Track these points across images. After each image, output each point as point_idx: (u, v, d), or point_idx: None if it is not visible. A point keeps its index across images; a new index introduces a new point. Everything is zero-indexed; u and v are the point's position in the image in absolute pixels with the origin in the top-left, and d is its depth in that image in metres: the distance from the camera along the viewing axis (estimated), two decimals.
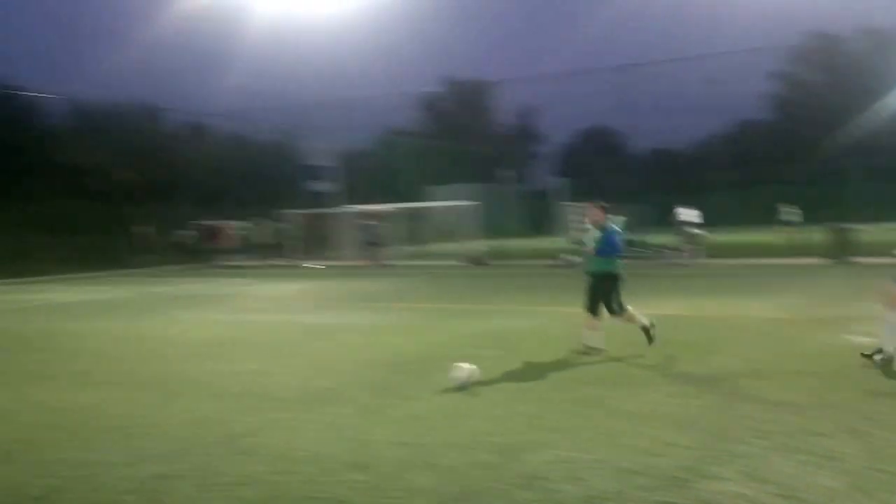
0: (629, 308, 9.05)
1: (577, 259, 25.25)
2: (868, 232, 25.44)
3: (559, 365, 8.42)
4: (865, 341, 8.76)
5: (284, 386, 7.74)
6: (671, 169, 60.50)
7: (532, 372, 8.07)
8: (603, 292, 8.91)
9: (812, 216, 28.29)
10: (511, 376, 7.92)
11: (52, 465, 5.27)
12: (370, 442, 5.67)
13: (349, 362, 8.99)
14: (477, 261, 27.43)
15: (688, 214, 29.33)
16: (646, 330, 9.05)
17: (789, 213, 30.52)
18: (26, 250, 27.08)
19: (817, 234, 24.28)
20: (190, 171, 37.48)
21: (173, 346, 10.75)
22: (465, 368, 7.37)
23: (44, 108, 39.28)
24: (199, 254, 31.53)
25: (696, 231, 24.91)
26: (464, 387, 7.17)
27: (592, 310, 8.92)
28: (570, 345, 9.54)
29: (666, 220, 28.65)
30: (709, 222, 25.19)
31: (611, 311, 8.94)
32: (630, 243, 27.46)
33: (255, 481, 4.86)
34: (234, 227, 32.51)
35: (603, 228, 8.97)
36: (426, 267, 27.21)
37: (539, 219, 48.30)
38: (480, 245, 29.29)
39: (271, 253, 31.26)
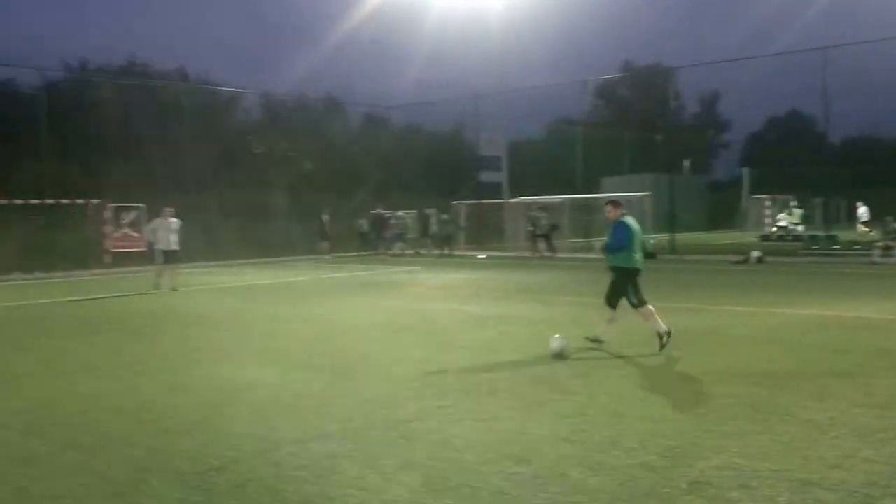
0: (649, 306, 9.14)
1: (761, 255, 24.18)
2: None
3: (735, 367, 8.06)
4: None
5: (447, 374, 7.91)
6: (872, 159, 56.06)
7: (705, 373, 7.78)
8: (617, 286, 9.24)
9: None
10: (681, 377, 7.69)
11: (232, 438, 5.66)
12: (531, 435, 5.69)
13: (511, 354, 9.05)
14: (649, 255, 26.71)
15: (863, 213, 27.36)
16: (659, 336, 8.93)
17: None
18: (222, 236, 29.23)
19: None
20: (367, 162, 38.91)
21: (345, 329, 11.24)
22: (558, 339, 8.56)
23: (240, 104, 42.17)
24: (372, 242, 32.74)
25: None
26: (562, 356, 8.34)
27: (609, 302, 9.36)
28: (749, 346, 9.14)
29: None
30: None
31: (631, 304, 9.18)
32: (814, 240, 26.09)
33: (416, 466, 5.00)
34: (404, 217, 33.47)
35: (616, 224, 9.26)
36: (594, 260, 26.79)
37: (721, 212, 46.36)
38: (652, 238, 28.48)
39: (439, 242, 31.93)
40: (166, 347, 9.88)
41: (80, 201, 24.19)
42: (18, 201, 22.57)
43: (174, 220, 17.59)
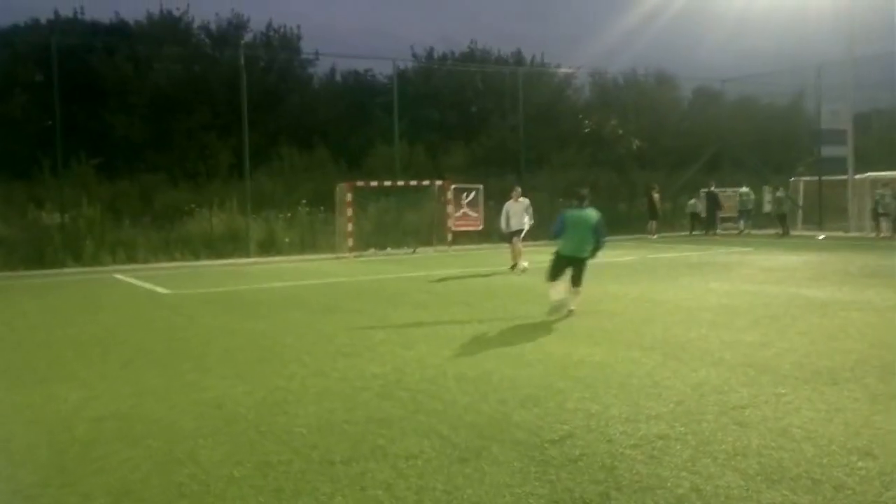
0: (556, 283, 10.86)
1: None
2: None
3: None
4: None
5: (783, 360, 7.58)
6: None
7: None
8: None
9: None
10: None
11: (565, 413, 5.97)
12: (878, 429, 5.33)
13: (854, 341, 8.42)
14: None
15: None
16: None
17: None
18: (549, 215, 30.15)
19: None
20: (698, 138, 37.63)
21: (674, 310, 11.15)
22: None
23: (571, 82, 42.96)
24: (704, 221, 31.69)
25: None
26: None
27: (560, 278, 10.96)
28: None
29: None
30: None
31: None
32: None
33: (751, 454, 4.94)
34: (740, 195, 31.90)
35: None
36: None
37: None
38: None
39: (776, 222, 30.03)
40: (497, 323, 10.52)
41: (425, 182, 26.21)
42: (374, 183, 25.00)
43: (524, 199, 17.63)
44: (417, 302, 12.95)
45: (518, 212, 17.49)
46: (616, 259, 19.77)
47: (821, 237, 27.52)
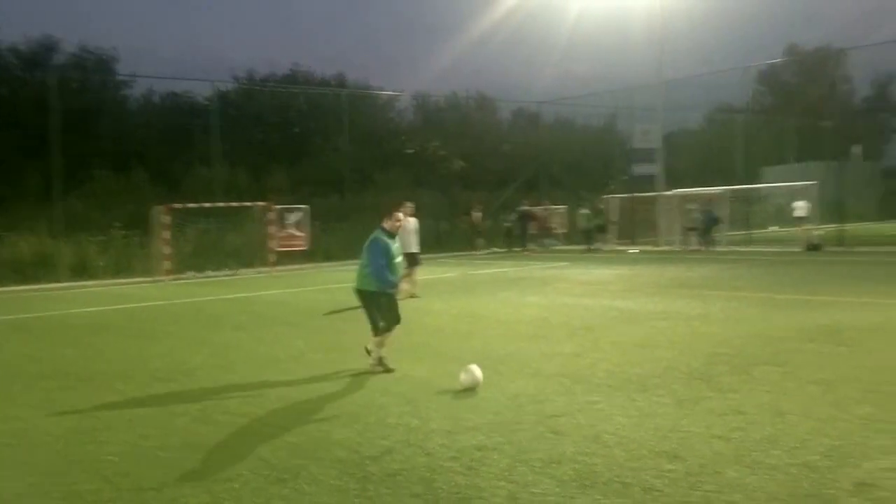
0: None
1: None
2: None
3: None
4: None
5: (597, 369, 7.84)
6: None
7: (872, 371, 7.33)
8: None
9: None
10: (846, 374, 7.27)
11: (388, 429, 5.87)
12: (683, 432, 5.57)
13: (663, 349, 8.85)
14: (813, 246, 25.36)
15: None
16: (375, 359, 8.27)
17: None
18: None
19: None
20: (517, 158, 39.04)
21: (493, 324, 11.35)
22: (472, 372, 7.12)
23: (394, 104, 43.47)
24: (520, 238, 32.75)
25: None
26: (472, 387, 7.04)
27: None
28: None
29: None
30: None
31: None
32: None
33: (566, 460, 5.01)
34: (553, 212, 33.26)
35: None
36: (754, 253, 25.72)
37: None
38: (818, 229, 27.00)
39: (590, 237, 31.52)
40: (322, 340, 10.31)
41: (247, 204, 25.59)
42: (192, 204, 24.10)
43: (412, 219, 15.42)
44: (237, 324, 12.46)
45: (410, 231, 15.41)
46: (439, 276, 19.98)
47: (633, 251, 29.11)
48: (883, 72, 70.83)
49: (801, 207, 27.43)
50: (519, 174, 37.19)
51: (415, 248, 15.23)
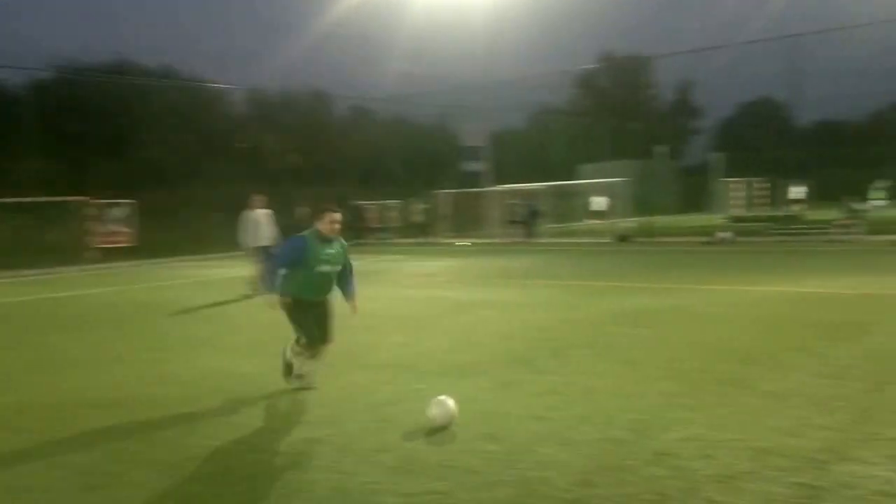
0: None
1: (732, 236, 24.39)
2: None
3: (703, 343, 8.15)
4: None
5: (426, 358, 7.92)
6: (839, 142, 56.51)
7: (672, 350, 7.85)
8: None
9: None
10: (650, 354, 7.74)
11: (213, 428, 5.65)
12: (504, 414, 5.72)
13: (489, 337, 9.07)
14: (623, 238, 26.94)
15: (797, 192, 28.11)
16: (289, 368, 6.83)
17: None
18: (206, 229, 29.10)
19: None
20: (352, 154, 38.88)
21: None
22: (444, 406, 5.49)
23: (225, 98, 41.98)
24: (354, 232, 32.65)
25: (861, 207, 23.33)
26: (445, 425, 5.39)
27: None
28: (714, 324, 9.23)
29: (831, 196, 27.02)
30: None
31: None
32: (788, 220, 26.37)
33: (393, 448, 5.02)
34: (387, 207, 33.44)
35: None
36: (573, 244, 26.96)
37: (695, 195, 46.65)
38: (628, 222, 28.71)
39: (422, 231, 31.93)
40: (147, 340, 9.81)
41: (64, 198, 23.89)
42: (5, 200, 22.27)
43: (264, 211, 14.94)
44: (58, 325, 11.60)
45: (264, 222, 14.89)
46: None
47: (464, 244, 29.73)
48: (683, 78, 76.18)
49: (598, 203, 29.11)
50: (354, 170, 37.06)
51: (265, 242, 14.50)
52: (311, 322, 6.70)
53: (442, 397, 5.55)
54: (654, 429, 5.20)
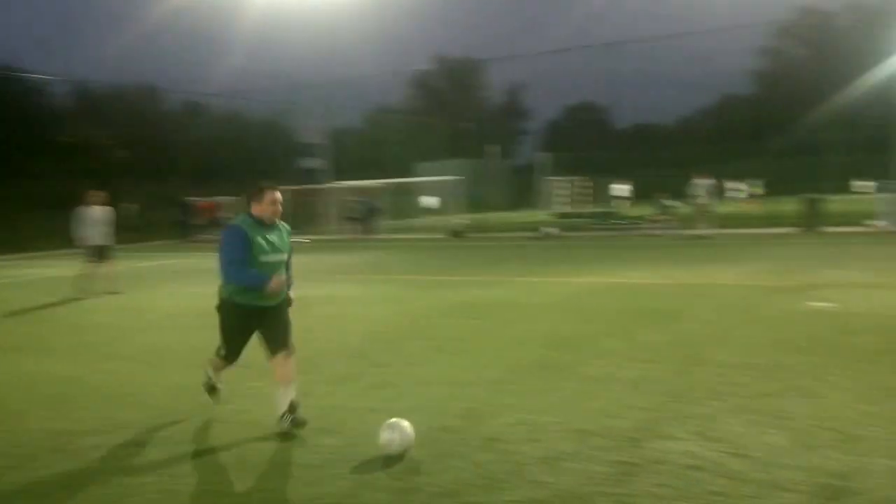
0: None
1: (558, 231, 25.52)
2: (838, 202, 25.65)
3: (526, 332, 8.43)
4: (825, 307, 8.85)
5: (260, 357, 7.68)
6: (654, 143, 60.53)
7: (501, 339, 8.07)
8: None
9: (789, 188, 28.42)
10: (481, 344, 7.92)
11: (28, 435, 5.24)
12: (341, 408, 5.66)
13: (326, 332, 8.96)
14: (457, 234, 27.50)
15: (620, 190, 30.01)
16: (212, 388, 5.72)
17: (754, 185, 31.27)
18: (27, 227, 26.96)
19: (790, 205, 24.35)
20: (185, 150, 37.31)
21: (153, 318, 10.70)
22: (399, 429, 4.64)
23: (47, 90, 39.05)
24: (184, 229, 31.42)
25: (672, 203, 25.01)
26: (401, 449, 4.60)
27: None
28: (539, 314, 9.58)
29: (646, 193, 28.79)
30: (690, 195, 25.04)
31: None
32: (607, 216, 27.96)
33: (226, 448, 4.85)
34: (221, 204, 32.38)
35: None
36: (410, 240, 27.20)
37: (525, 193, 48.33)
38: (461, 218, 29.35)
39: None
40: None
41: None
42: None
43: (102, 208, 13.61)
44: None
45: (100, 220, 13.57)
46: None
47: (303, 241, 29.23)
48: (514, 82, 78.89)
49: (428, 201, 29.66)
50: (187, 165, 35.58)
51: (101, 241, 13.45)
52: (243, 338, 5.44)
53: (394, 420, 4.68)
54: (484, 416, 5.32)
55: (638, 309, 9.69)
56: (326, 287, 13.65)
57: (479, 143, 54.04)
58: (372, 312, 10.41)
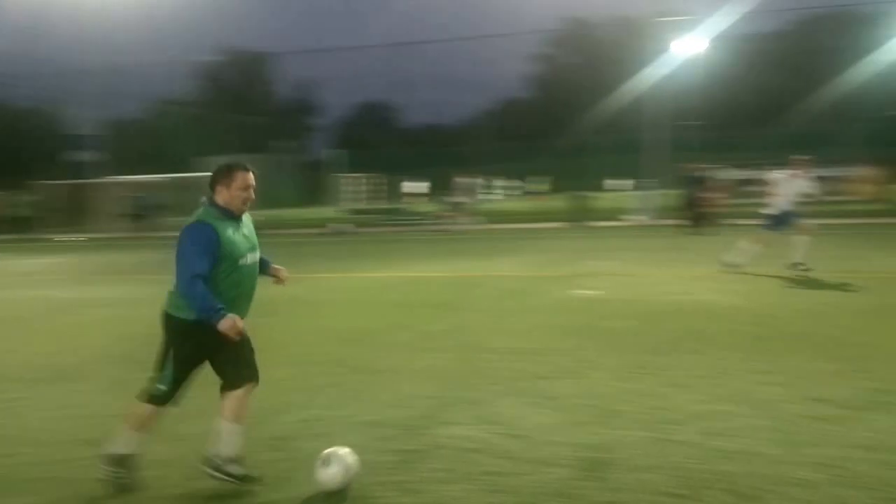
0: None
1: (352, 227, 25.55)
2: (603, 199, 27.91)
3: (312, 329, 8.39)
4: (589, 294, 9.55)
5: (27, 364, 7.02)
6: (442, 142, 62.24)
7: (287, 337, 7.93)
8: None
9: (571, 185, 30.34)
10: (265, 342, 7.65)
11: None
12: (111, 417, 5.25)
13: (99, 337, 8.35)
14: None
15: (416, 187, 31.09)
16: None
17: (537, 183, 33.04)
18: None
19: (561, 201, 26.14)
20: None
21: None
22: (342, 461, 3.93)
23: None
24: None
25: (460, 200, 25.91)
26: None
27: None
28: (329, 310, 9.55)
29: (435, 191, 29.53)
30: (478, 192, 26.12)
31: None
32: (394, 212, 28.43)
33: None
34: None
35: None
36: None
37: (314, 189, 47.89)
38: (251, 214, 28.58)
39: (24, 226, 28.32)
40: None
41: None
42: None
43: None
44: None
45: None
46: None
47: (68, 238, 26.99)
48: (306, 78, 77.90)
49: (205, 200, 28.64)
50: None
51: None
52: (196, 362, 4.35)
53: (330, 450, 3.96)
54: (273, 414, 5.19)
55: (425, 301, 9.93)
56: (101, 289, 12.78)
57: (270, 138, 52.77)
58: (149, 314, 9.62)
